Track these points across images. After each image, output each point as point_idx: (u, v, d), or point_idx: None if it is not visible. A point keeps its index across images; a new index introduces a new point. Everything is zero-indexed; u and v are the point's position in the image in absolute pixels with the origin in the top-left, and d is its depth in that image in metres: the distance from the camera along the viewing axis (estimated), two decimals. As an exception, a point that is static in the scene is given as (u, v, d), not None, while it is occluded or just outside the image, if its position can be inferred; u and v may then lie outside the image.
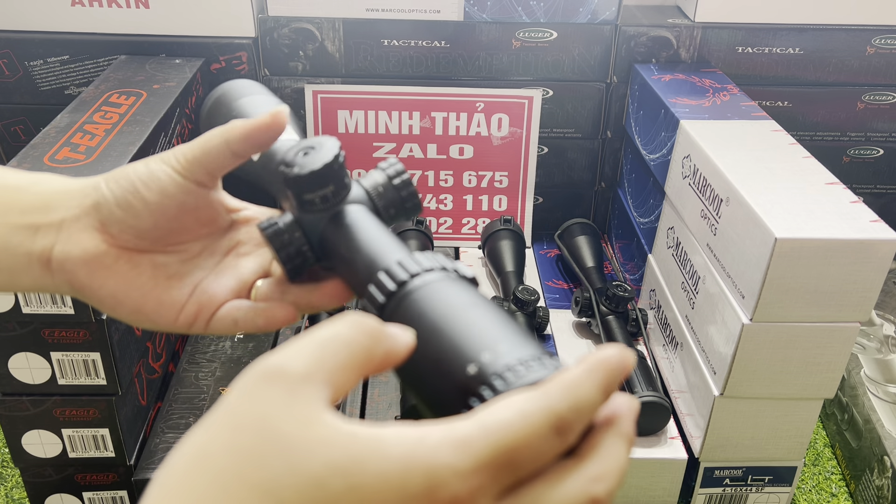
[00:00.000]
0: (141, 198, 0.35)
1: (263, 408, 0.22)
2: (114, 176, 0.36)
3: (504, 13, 0.91)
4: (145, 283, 0.36)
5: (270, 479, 0.20)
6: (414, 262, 0.31)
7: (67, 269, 0.35)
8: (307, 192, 0.35)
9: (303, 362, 0.23)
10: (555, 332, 0.84)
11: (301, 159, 0.35)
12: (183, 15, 0.89)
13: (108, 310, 0.36)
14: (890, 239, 0.57)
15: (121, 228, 0.36)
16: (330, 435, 0.21)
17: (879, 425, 0.74)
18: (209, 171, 0.36)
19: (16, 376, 0.63)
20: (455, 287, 0.30)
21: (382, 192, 0.37)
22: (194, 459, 0.22)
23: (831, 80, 0.95)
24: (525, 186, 1.00)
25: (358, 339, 0.25)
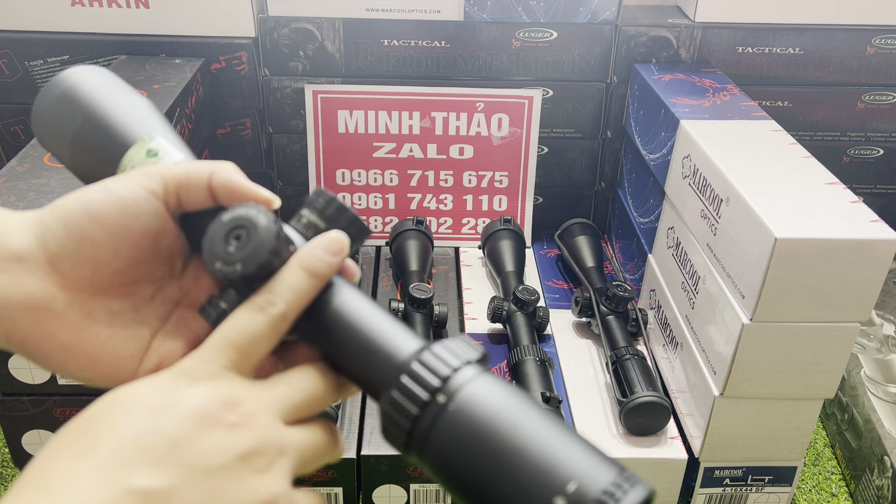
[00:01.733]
0: (98, 221, 0.31)
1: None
2: (59, 205, 0.31)
3: (504, 13, 0.91)
4: (100, 332, 0.32)
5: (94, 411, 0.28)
6: (438, 360, 0.28)
7: (6, 317, 0.30)
8: (256, 283, 0.31)
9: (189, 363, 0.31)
10: (555, 332, 0.84)
11: (236, 251, 0.30)
12: (183, 15, 0.89)
13: (55, 365, 0.31)
14: (890, 239, 0.57)
15: (75, 264, 0.31)
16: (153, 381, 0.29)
17: (879, 425, 0.74)
18: (181, 201, 0.33)
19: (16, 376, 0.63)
20: (495, 391, 0.28)
21: (323, 231, 0.33)
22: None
23: (831, 80, 0.95)
24: (525, 186, 1.00)
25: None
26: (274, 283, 0.31)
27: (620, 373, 0.74)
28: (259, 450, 0.28)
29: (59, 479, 0.25)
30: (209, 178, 0.32)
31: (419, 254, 0.91)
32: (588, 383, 0.77)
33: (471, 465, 0.26)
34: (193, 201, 0.33)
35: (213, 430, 0.27)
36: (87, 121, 0.36)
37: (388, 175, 0.98)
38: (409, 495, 0.70)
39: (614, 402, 0.74)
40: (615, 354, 0.75)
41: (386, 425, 0.29)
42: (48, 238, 0.31)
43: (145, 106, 0.38)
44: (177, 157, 0.35)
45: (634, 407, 0.69)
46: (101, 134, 0.35)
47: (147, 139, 0.35)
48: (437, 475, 0.28)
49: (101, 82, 0.37)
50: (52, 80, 0.37)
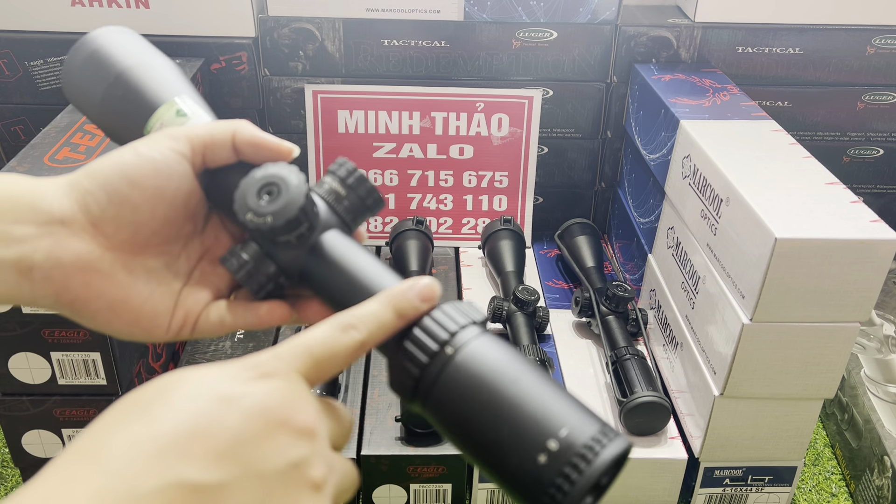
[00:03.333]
0: (136, 185, 0.32)
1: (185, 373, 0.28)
2: (94, 169, 0.33)
3: (504, 13, 0.91)
4: (142, 290, 0.34)
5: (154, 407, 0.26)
6: (447, 318, 0.30)
7: (56, 278, 0.32)
8: (282, 237, 0.33)
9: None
10: (555, 332, 0.84)
11: (268, 205, 0.32)
12: (183, 15, 0.89)
13: (100, 324, 0.33)
14: (890, 239, 0.57)
15: (117, 225, 0.32)
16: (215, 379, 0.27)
17: (879, 425, 0.74)
18: (206, 159, 0.34)
19: (16, 376, 0.63)
20: (497, 348, 0.30)
21: (343, 198, 0.35)
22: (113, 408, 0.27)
23: (831, 80, 0.95)
24: (525, 186, 1.00)
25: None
26: (359, 310, 0.30)
27: (620, 373, 0.74)
28: (314, 465, 0.27)
29: (111, 455, 0.24)
30: (233, 136, 0.34)
31: (419, 254, 0.91)
32: (588, 383, 0.77)
33: (473, 412, 0.29)
34: (218, 159, 0.35)
35: (277, 433, 0.26)
36: (118, 80, 0.37)
37: (388, 175, 0.98)
38: (409, 495, 0.70)
39: (614, 402, 0.74)
40: (615, 354, 0.75)
41: (395, 374, 0.31)
42: (89, 202, 0.32)
43: (172, 68, 0.39)
44: (204, 117, 0.37)
45: (634, 407, 0.69)
46: (130, 93, 0.37)
47: (177, 100, 0.37)
48: (440, 422, 0.30)
49: (130, 43, 0.39)
50: (82, 40, 0.39)
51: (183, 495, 0.24)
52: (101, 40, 0.38)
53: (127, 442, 0.24)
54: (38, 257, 0.31)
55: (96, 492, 0.23)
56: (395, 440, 0.69)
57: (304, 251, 0.34)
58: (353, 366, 0.78)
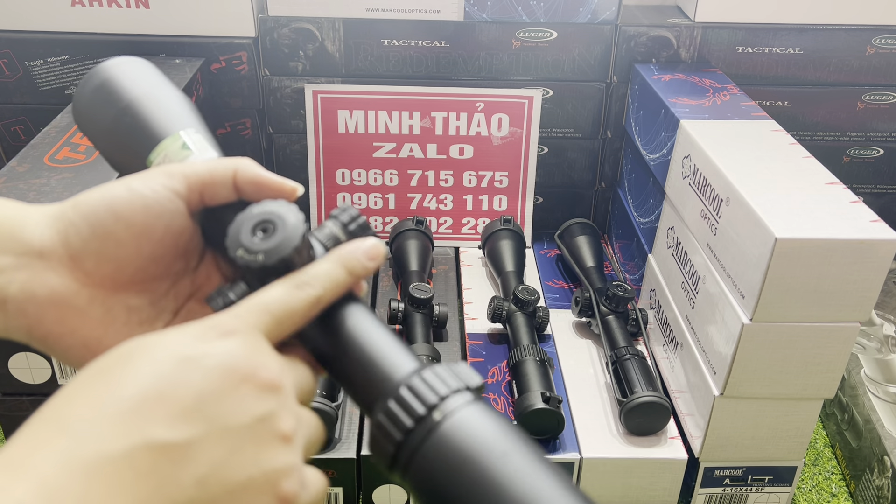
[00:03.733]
0: (123, 219, 0.31)
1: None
2: (81, 200, 0.32)
3: (504, 13, 0.91)
4: (120, 328, 0.32)
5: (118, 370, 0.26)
6: (438, 380, 0.28)
7: (29, 312, 0.30)
8: (272, 278, 0.31)
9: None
10: (555, 332, 0.84)
11: (261, 242, 0.30)
12: (183, 15, 0.89)
13: (74, 360, 0.32)
14: (890, 239, 0.57)
15: (98, 261, 0.31)
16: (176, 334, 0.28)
17: (879, 425, 0.74)
18: (204, 198, 0.33)
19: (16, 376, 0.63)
20: (489, 418, 0.28)
21: (344, 244, 0.33)
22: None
23: (831, 80, 0.95)
24: (525, 186, 1.00)
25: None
26: (311, 269, 0.31)
27: (620, 373, 0.74)
28: (282, 418, 0.27)
29: (77, 419, 0.24)
30: (234, 175, 0.33)
31: (419, 254, 0.91)
32: (588, 383, 0.77)
33: (455, 488, 0.26)
34: (218, 198, 0.33)
35: (241, 388, 0.26)
36: (126, 110, 0.36)
37: (388, 175, 0.98)
38: (409, 495, 0.70)
39: (614, 402, 0.74)
40: (615, 354, 0.75)
41: (375, 440, 0.28)
42: (71, 234, 0.31)
43: (182, 101, 0.38)
44: (209, 153, 0.36)
45: (634, 407, 0.69)
46: (137, 123, 0.36)
47: (182, 133, 0.36)
48: (419, 495, 0.28)
49: (142, 74, 0.38)
50: (94, 69, 0.38)
51: (150, 455, 0.24)
52: (113, 70, 0.38)
53: (92, 406, 0.24)
54: (12, 289, 0.30)
55: (63, 456, 0.23)
56: (395, 440, 0.69)
57: None
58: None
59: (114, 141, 0.37)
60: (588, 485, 0.70)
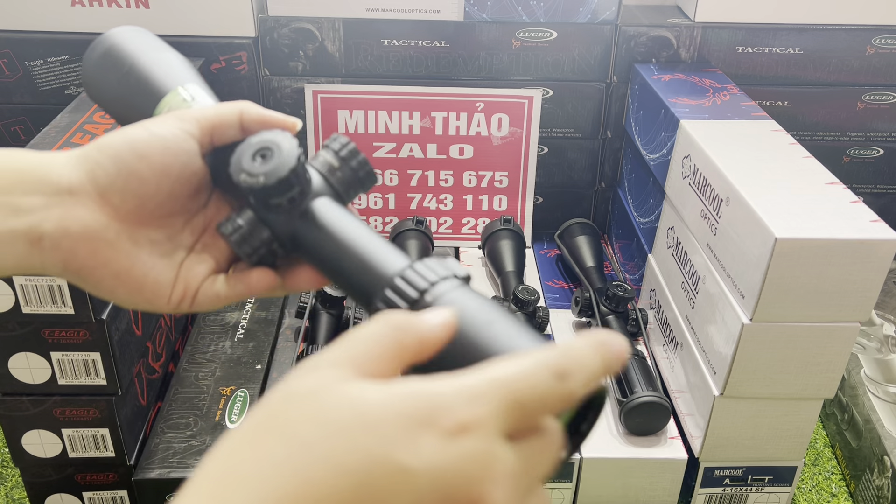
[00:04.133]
0: (145, 159, 0.34)
1: (290, 384, 0.25)
2: (105, 142, 0.34)
3: (504, 13, 0.91)
4: (145, 261, 0.35)
5: (287, 423, 0.23)
6: (429, 269, 0.31)
7: (64, 247, 0.33)
8: (274, 198, 0.34)
9: (332, 355, 0.25)
10: (555, 332, 0.84)
11: (260, 166, 0.33)
12: (183, 15, 0.89)
13: (105, 291, 0.34)
14: (890, 239, 0.57)
15: (123, 197, 0.34)
16: (342, 386, 0.24)
17: (879, 425, 0.74)
18: (214, 139, 0.36)
19: (16, 376, 0.63)
20: (475, 298, 0.30)
21: (336, 169, 0.37)
22: (233, 434, 0.24)
23: (831, 80, 0.95)
24: (525, 186, 1.00)
25: (386, 332, 0.26)
26: (573, 355, 0.26)
27: (620, 373, 0.74)
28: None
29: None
30: (239, 116, 0.36)
31: (419, 254, 0.91)
32: (588, 383, 0.77)
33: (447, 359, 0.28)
34: (226, 137, 0.36)
35: None
36: (129, 72, 0.40)
37: (388, 175, 0.98)
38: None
39: (614, 402, 0.74)
40: (615, 354, 0.75)
41: None
42: (98, 173, 0.34)
43: (181, 60, 0.42)
44: (208, 101, 0.39)
45: (634, 407, 0.69)
46: (141, 83, 0.39)
47: (180, 88, 0.39)
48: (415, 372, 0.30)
49: (142, 39, 0.41)
50: (99, 38, 0.41)
51: None
52: (116, 38, 0.41)
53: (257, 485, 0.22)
54: (47, 227, 0.32)
55: None
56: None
57: (295, 216, 0.35)
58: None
59: (121, 102, 0.40)
60: (588, 485, 0.70)
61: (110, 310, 0.61)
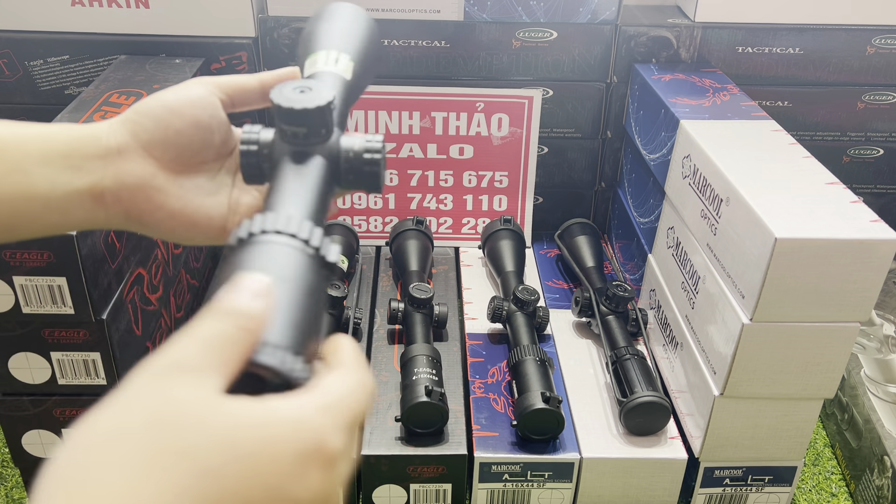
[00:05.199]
0: (177, 113, 0.39)
1: (172, 393, 0.24)
2: (140, 105, 0.39)
3: (504, 13, 0.91)
4: (193, 199, 0.40)
5: (188, 446, 0.23)
6: (280, 222, 0.32)
7: (124, 198, 0.38)
8: (284, 123, 0.38)
9: (196, 360, 0.26)
10: (555, 332, 0.84)
11: (293, 94, 0.37)
12: (183, 15, 0.89)
13: (164, 231, 0.40)
14: (890, 239, 0.57)
15: (164, 148, 0.39)
16: (233, 408, 0.25)
17: (879, 425, 0.74)
18: (235, 101, 0.42)
19: (16, 376, 0.63)
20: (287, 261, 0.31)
21: (352, 157, 0.39)
22: (107, 440, 0.23)
23: (831, 80, 0.95)
24: (525, 186, 1.00)
25: (231, 333, 0.27)
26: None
27: (620, 373, 0.74)
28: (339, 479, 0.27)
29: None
30: (259, 83, 0.42)
31: (419, 254, 0.91)
32: (588, 383, 0.77)
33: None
34: (247, 102, 0.42)
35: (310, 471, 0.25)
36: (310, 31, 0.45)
37: (388, 175, 0.98)
38: (409, 495, 0.70)
39: (614, 402, 0.74)
40: (615, 354, 0.75)
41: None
42: (139, 131, 0.39)
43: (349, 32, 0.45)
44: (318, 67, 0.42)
45: (634, 407, 0.69)
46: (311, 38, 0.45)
47: (325, 51, 0.43)
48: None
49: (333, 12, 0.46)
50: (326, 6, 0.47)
51: None
52: (330, 7, 0.47)
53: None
54: (107, 183, 0.38)
55: None
56: (395, 440, 0.69)
57: (288, 151, 0.38)
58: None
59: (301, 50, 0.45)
60: (588, 485, 0.70)
61: (110, 310, 0.61)
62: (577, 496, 0.71)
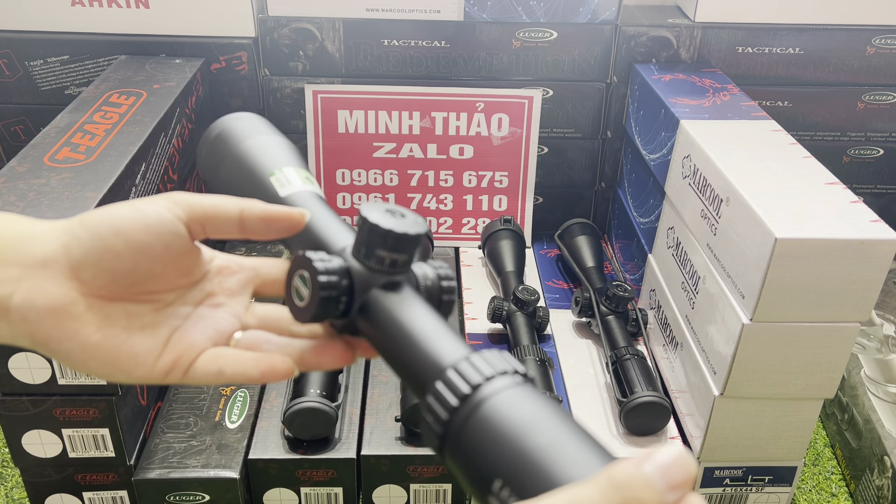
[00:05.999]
0: (123, 235, 0.33)
1: None
2: (88, 216, 0.34)
3: (504, 13, 0.91)
4: (118, 333, 0.34)
5: None
6: (486, 363, 0.29)
7: (30, 319, 0.32)
8: (383, 250, 0.34)
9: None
10: (555, 332, 0.84)
11: (392, 218, 0.34)
12: (183, 15, 0.89)
13: (76, 364, 0.33)
14: (890, 239, 0.57)
15: (95, 272, 0.33)
16: None
17: (879, 425, 0.74)
18: (207, 230, 0.35)
19: (16, 376, 0.63)
20: (529, 397, 0.28)
21: (430, 285, 0.36)
22: None
23: (831, 80, 0.95)
24: (525, 186, 1.00)
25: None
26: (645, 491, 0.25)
27: (620, 373, 0.74)
28: None
29: None
30: (240, 213, 0.35)
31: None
32: (588, 383, 0.77)
33: (493, 464, 0.26)
34: (221, 232, 0.35)
35: None
36: (232, 158, 0.42)
37: (388, 175, 0.98)
38: (409, 495, 0.70)
39: (614, 402, 0.74)
40: (615, 354, 0.75)
41: (426, 419, 0.29)
42: (73, 246, 0.33)
43: (279, 144, 0.42)
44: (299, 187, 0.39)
45: (634, 407, 0.69)
46: (241, 168, 0.41)
47: (276, 171, 0.40)
48: (465, 474, 0.28)
49: (245, 126, 0.43)
50: (213, 124, 0.44)
51: None
52: (222, 126, 0.43)
53: None
54: (16, 299, 0.32)
55: None
56: (395, 440, 0.69)
57: (382, 280, 0.34)
58: (353, 366, 0.78)
59: (227, 186, 0.42)
60: (588, 485, 0.70)
61: (110, 310, 0.61)
62: (577, 496, 0.71)
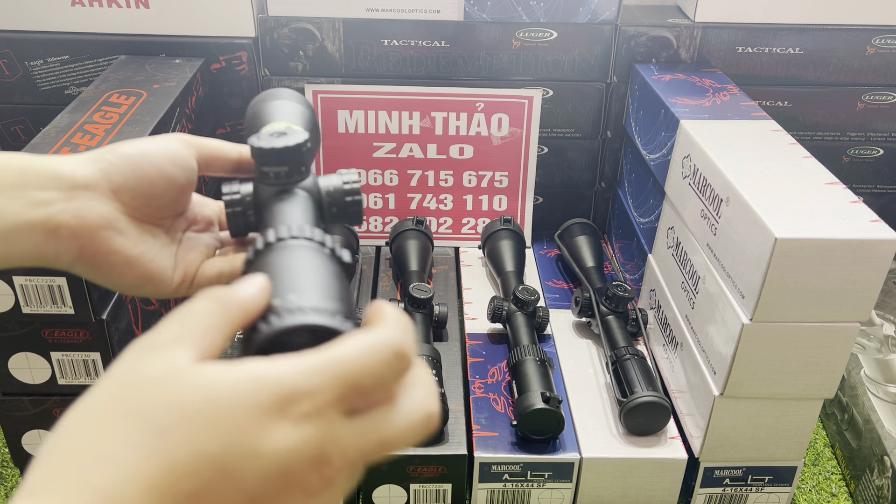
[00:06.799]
0: (157, 166, 0.39)
1: (139, 366, 0.26)
2: (120, 149, 0.39)
3: (504, 13, 0.91)
4: (150, 249, 0.39)
5: (143, 408, 0.25)
6: (297, 229, 0.34)
7: (82, 234, 0.36)
8: (265, 166, 0.39)
9: (170, 334, 0.27)
10: (555, 332, 0.84)
11: (269, 138, 0.39)
12: (183, 15, 0.89)
13: (115, 277, 0.38)
14: (890, 239, 0.57)
15: (133, 196, 0.38)
16: (192, 370, 0.26)
17: (879, 425, 0.74)
18: (210, 167, 0.42)
19: (16, 376, 0.63)
20: (310, 254, 0.33)
21: (332, 191, 0.41)
22: (83, 412, 0.25)
23: (831, 80, 0.95)
24: (525, 186, 1.00)
25: (213, 307, 0.28)
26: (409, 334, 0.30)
27: (620, 373, 0.74)
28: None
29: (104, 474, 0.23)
30: (239, 156, 0.42)
31: (419, 254, 0.91)
32: (588, 383, 0.77)
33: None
34: (218, 169, 0.42)
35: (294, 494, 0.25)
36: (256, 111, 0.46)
37: (388, 175, 0.98)
38: (409, 495, 0.70)
39: (614, 402, 0.74)
40: (615, 354, 0.75)
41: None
42: (112, 172, 0.38)
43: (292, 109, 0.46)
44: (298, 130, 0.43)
45: (634, 407, 0.69)
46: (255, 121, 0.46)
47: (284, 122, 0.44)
48: None
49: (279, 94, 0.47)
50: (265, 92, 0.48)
51: None
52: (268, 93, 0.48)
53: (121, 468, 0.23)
54: (65, 217, 0.36)
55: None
56: (395, 440, 0.69)
57: (274, 191, 0.39)
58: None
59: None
60: (588, 485, 0.70)
61: (110, 310, 0.61)
62: (577, 496, 0.71)
